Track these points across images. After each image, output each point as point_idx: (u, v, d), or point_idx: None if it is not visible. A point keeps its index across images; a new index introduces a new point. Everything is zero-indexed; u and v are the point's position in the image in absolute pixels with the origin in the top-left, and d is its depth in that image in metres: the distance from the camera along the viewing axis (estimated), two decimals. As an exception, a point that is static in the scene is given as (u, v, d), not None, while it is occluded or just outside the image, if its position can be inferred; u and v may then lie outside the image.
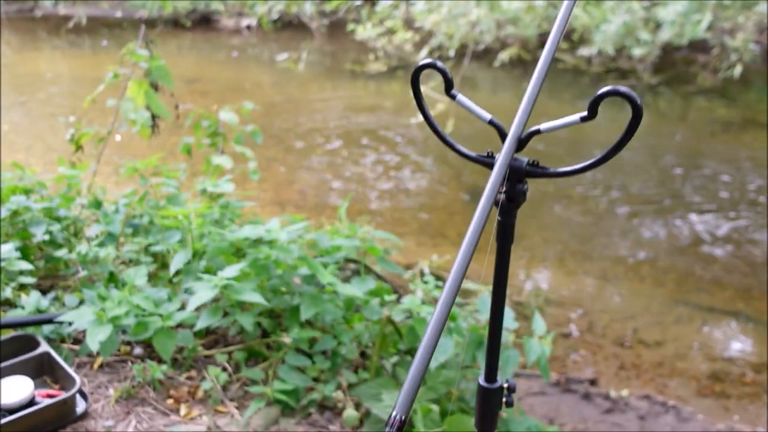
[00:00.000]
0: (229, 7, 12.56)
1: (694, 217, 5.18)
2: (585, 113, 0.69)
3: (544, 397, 3.27)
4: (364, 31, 8.94)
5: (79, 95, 8.49)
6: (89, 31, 12.78)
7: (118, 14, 14.11)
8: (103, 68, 3.02)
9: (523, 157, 0.76)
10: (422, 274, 4.30)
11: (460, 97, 0.76)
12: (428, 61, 0.75)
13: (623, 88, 0.66)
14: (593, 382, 3.38)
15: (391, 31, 9.24)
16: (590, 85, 9.00)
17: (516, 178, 0.76)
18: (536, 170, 0.75)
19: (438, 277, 4.28)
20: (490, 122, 0.77)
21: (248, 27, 12.36)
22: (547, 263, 4.67)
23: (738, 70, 7.35)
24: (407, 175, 6.09)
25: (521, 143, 0.73)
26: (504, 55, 8.05)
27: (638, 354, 3.63)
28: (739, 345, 3.73)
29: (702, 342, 3.73)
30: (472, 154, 0.79)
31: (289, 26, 12.24)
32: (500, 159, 0.70)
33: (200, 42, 12.46)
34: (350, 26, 9.59)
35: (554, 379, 3.40)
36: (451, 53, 8.00)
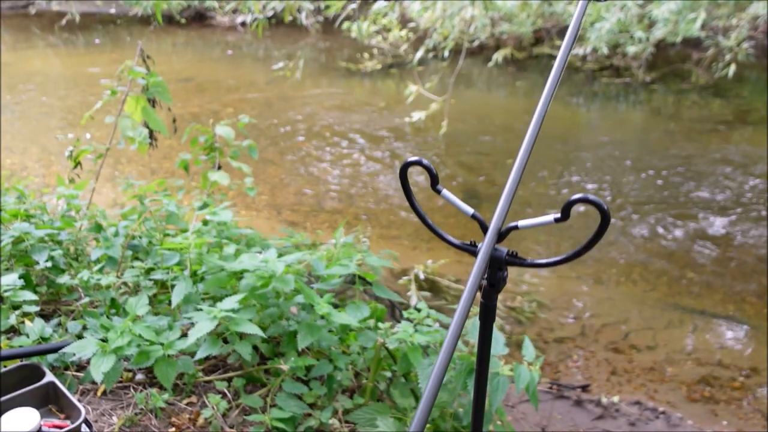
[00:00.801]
0: (224, 4, 12.54)
1: (686, 219, 5.24)
2: (558, 215, 0.75)
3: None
4: (359, 31, 8.96)
5: (73, 95, 8.50)
6: (83, 28, 12.75)
7: (112, 11, 14.07)
8: (96, 66, 3.05)
9: (503, 248, 0.81)
10: (417, 279, 4.37)
11: (445, 192, 0.82)
12: (415, 159, 0.80)
13: (593, 197, 0.71)
14: (585, 388, 3.44)
15: (385, 29, 9.25)
16: (584, 82, 9.04)
17: (496, 266, 0.81)
18: (515, 260, 0.81)
19: (433, 283, 4.35)
20: (473, 216, 0.82)
21: (243, 24, 12.34)
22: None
23: (732, 69, 7.39)
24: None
25: (501, 236, 0.79)
26: (498, 56, 8.09)
27: (630, 359, 3.70)
28: (729, 349, 3.79)
29: (692, 346, 3.80)
30: (457, 242, 0.85)
31: (284, 23, 12.23)
32: (482, 250, 0.75)
33: (195, 39, 12.44)
34: (345, 24, 9.60)
35: (547, 386, 3.46)
36: (446, 53, 8.03)
